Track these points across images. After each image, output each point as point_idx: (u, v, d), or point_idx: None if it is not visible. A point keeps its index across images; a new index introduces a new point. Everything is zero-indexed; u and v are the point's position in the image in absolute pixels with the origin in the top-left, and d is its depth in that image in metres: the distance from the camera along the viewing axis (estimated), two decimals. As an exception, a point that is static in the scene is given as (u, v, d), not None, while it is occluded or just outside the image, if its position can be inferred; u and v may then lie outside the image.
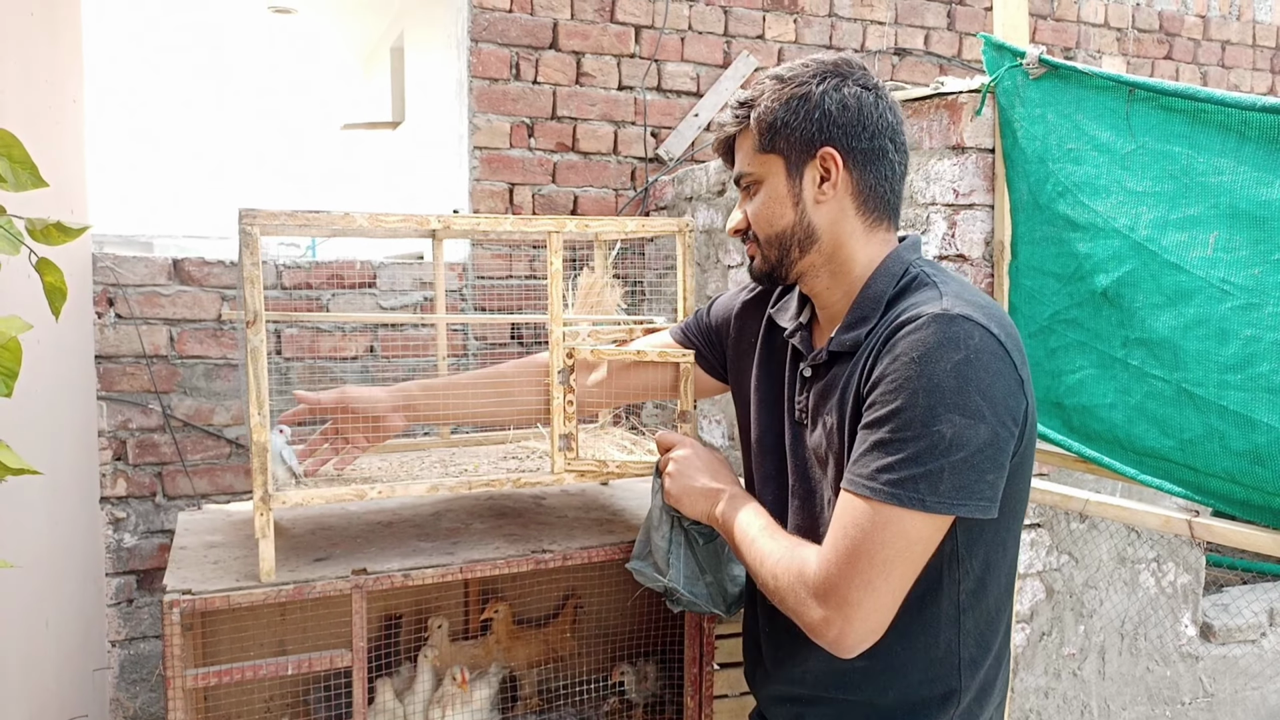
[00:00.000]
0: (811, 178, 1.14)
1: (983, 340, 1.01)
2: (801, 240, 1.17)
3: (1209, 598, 2.61)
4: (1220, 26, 4.37)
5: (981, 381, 1.00)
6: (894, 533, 1.01)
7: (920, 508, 1.00)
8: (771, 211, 1.17)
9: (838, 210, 1.15)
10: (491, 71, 3.28)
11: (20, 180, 1.24)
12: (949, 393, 0.99)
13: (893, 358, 1.03)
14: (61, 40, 2.44)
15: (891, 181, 1.16)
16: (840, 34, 3.75)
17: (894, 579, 1.03)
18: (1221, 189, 1.37)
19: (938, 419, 0.99)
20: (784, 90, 1.14)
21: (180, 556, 1.55)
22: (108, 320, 2.87)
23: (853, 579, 1.03)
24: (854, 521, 1.03)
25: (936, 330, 1.01)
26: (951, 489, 1.00)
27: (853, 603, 1.03)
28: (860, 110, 1.12)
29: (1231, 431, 1.35)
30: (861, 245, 1.16)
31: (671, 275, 3.10)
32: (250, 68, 6.42)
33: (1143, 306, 1.47)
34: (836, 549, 1.05)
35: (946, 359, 1.00)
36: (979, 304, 1.06)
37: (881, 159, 1.14)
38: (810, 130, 1.13)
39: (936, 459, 0.99)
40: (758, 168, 1.18)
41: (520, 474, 1.58)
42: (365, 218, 1.39)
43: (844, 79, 1.13)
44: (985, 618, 1.14)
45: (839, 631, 1.04)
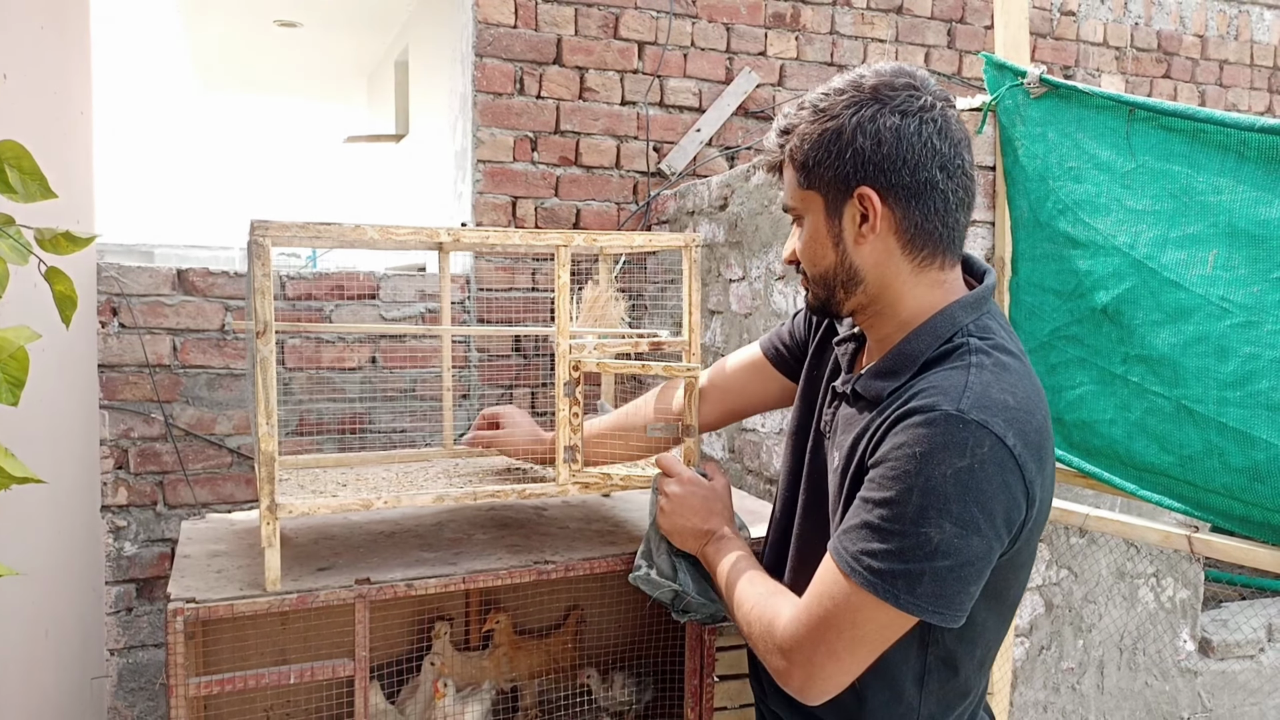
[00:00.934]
0: (851, 217, 1.07)
1: (992, 450, 0.96)
2: (845, 282, 1.11)
3: (1208, 613, 2.62)
4: (1218, 46, 4.41)
5: (982, 494, 0.96)
6: (866, 617, 1.01)
7: (894, 603, 0.98)
8: (814, 251, 1.12)
9: (882, 251, 1.08)
10: (495, 86, 3.30)
11: (30, 191, 1.26)
12: (944, 498, 0.95)
13: (896, 444, 0.99)
14: (70, 53, 2.46)
15: (944, 214, 1.06)
16: (841, 51, 3.78)
17: (859, 654, 1.03)
18: (1221, 208, 1.38)
19: (928, 521, 0.96)
20: (816, 125, 1.07)
21: (184, 565, 1.55)
22: (111, 329, 2.88)
23: (818, 646, 1.04)
24: (830, 594, 1.03)
25: (945, 430, 0.96)
26: (929, 594, 0.97)
27: (816, 664, 1.04)
28: (899, 143, 1.03)
29: (1231, 448, 1.37)
30: (909, 287, 1.09)
31: (672, 289, 3.12)
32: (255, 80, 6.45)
33: (1143, 323, 1.48)
34: (810, 614, 1.05)
35: (948, 463, 0.95)
36: (1004, 405, 0.98)
37: (929, 192, 1.04)
38: (844, 170, 1.05)
39: (919, 561, 0.97)
40: (799, 202, 1.12)
41: (525, 485, 1.59)
42: (376, 230, 1.40)
43: (882, 106, 1.04)
44: (953, 684, 1.12)
45: (800, 685, 1.06)
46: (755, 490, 2.59)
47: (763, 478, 2.59)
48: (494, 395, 3.27)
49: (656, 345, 1.70)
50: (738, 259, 2.75)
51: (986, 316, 1.09)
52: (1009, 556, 1.04)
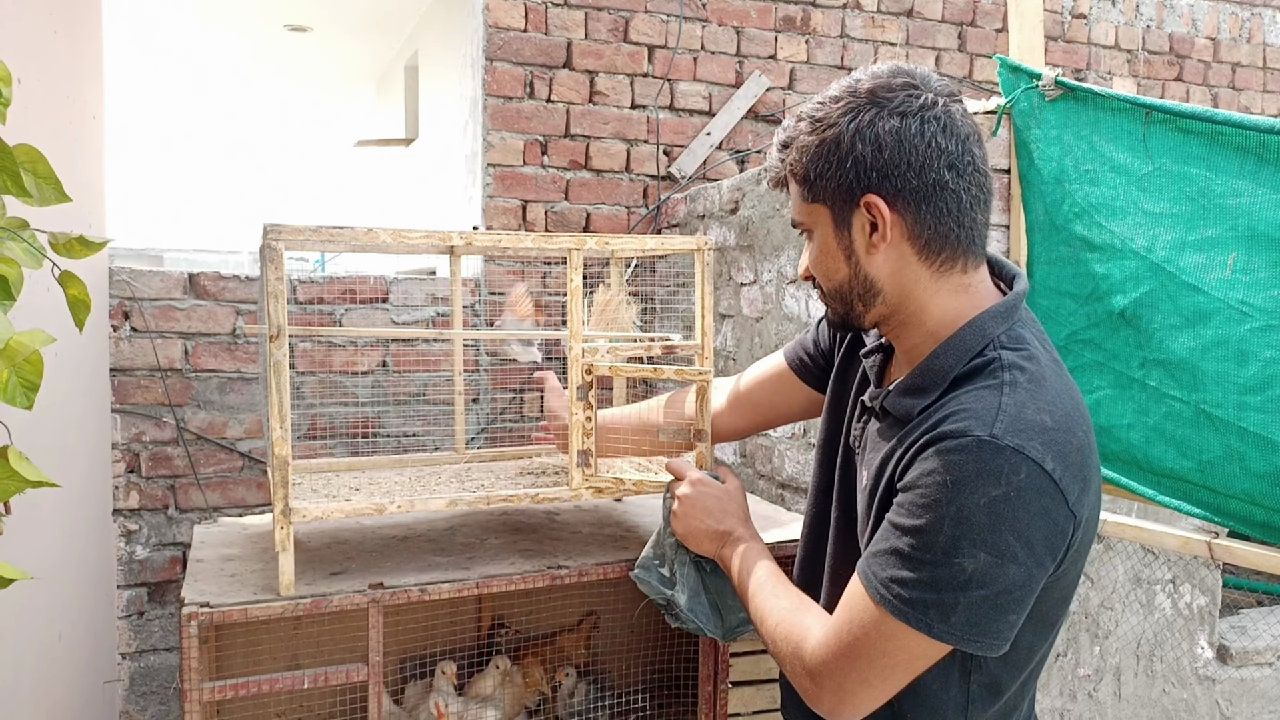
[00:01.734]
0: (860, 227, 1.03)
1: (1029, 478, 0.91)
2: (862, 294, 1.06)
3: (1226, 620, 2.59)
4: (1230, 49, 4.39)
5: (1018, 521, 0.91)
6: (898, 646, 0.97)
7: (927, 632, 0.94)
8: (826, 265, 1.08)
9: (896, 259, 1.03)
10: (506, 90, 3.31)
11: (44, 195, 1.26)
12: (977, 528, 0.91)
13: (926, 471, 0.94)
14: (83, 57, 2.47)
15: (958, 214, 1.00)
16: (852, 55, 3.77)
17: (891, 681, 1.00)
18: (1240, 211, 1.37)
19: (960, 552, 0.91)
20: (814, 136, 1.02)
21: (197, 569, 1.55)
22: (123, 333, 2.89)
23: (849, 673, 1.01)
24: (861, 621, 0.99)
25: (977, 458, 0.91)
26: (963, 624, 0.93)
27: (848, 690, 1.01)
28: (900, 145, 0.98)
29: (1251, 453, 1.35)
30: (931, 294, 1.03)
31: (683, 292, 3.11)
32: (264, 84, 6.47)
33: (1161, 327, 1.47)
34: (840, 640, 1.01)
35: (981, 492, 0.90)
36: (1041, 426, 0.93)
37: (939, 193, 0.99)
38: (847, 179, 1.00)
39: (953, 591, 0.92)
40: (806, 217, 1.08)
41: (538, 489, 1.58)
42: (388, 233, 1.40)
43: (880, 109, 0.99)
44: (996, 708, 1.08)
45: (831, 708, 1.04)
46: (768, 495, 2.58)
47: (775, 482, 2.57)
48: (504, 399, 3.27)
49: (669, 349, 1.70)
50: (749, 262, 2.75)
51: (1019, 325, 1.04)
52: (1055, 578, 0.99)
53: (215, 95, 6.95)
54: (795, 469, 2.47)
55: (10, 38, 1.72)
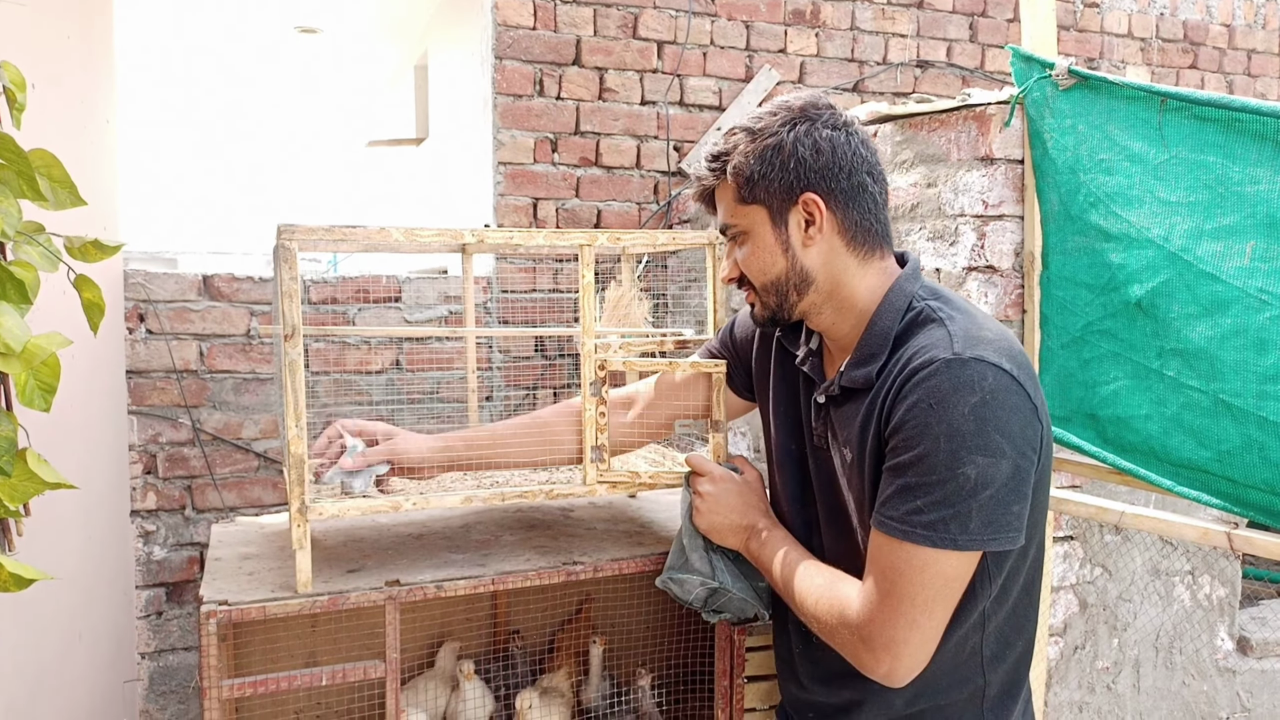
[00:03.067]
0: (797, 223, 1.17)
1: (996, 379, 1.03)
2: (798, 284, 1.19)
3: (1245, 611, 2.57)
4: (1245, 35, 4.34)
5: (999, 419, 1.03)
6: (933, 574, 1.05)
7: (953, 547, 1.04)
8: (763, 261, 1.20)
9: (828, 250, 1.17)
10: (515, 88, 3.31)
11: (60, 199, 1.27)
12: (969, 435, 1.02)
13: (910, 404, 1.06)
14: (96, 62, 2.49)
15: (876, 212, 1.18)
16: (862, 47, 3.75)
17: (936, 615, 1.07)
18: (1258, 198, 1.36)
19: (961, 461, 1.02)
20: (756, 143, 1.16)
21: (215, 568, 1.56)
22: (139, 335, 2.91)
23: (897, 620, 1.06)
24: (892, 565, 1.07)
25: (950, 375, 1.04)
26: (981, 526, 1.03)
27: (900, 640, 1.07)
28: (834, 152, 1.14)
29: (1271, 442, 1.34)
30: (859, 278, 1.18)
31: (694, 288, 3.11)
32: (275, 85, 6.50)
33: (1178, 317, 1.46)
34: (880, 591, 1.08)
35: (963, 403, 1.02)
36: (987, 339, 1.07)
37: (862, 194, 1.16)
38: (788, 179, 1.15)
39: (964, 500, 1.02)
40: (741, 219, 1.20)
41: (552, 485, 1.58)
42: (401, 232, 1.40)
43: (813, 123, 1.15)
44: (1008, 619, 1.18)
45: (889, 668, 1.09)
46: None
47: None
48: (517, 396, 3.27)
49: (681, 344, 1.69)
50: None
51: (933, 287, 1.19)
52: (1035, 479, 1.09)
53: (227, 97, 6.98)
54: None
55: (24, 43, 1.74)
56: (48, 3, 1.95)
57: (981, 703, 1.20)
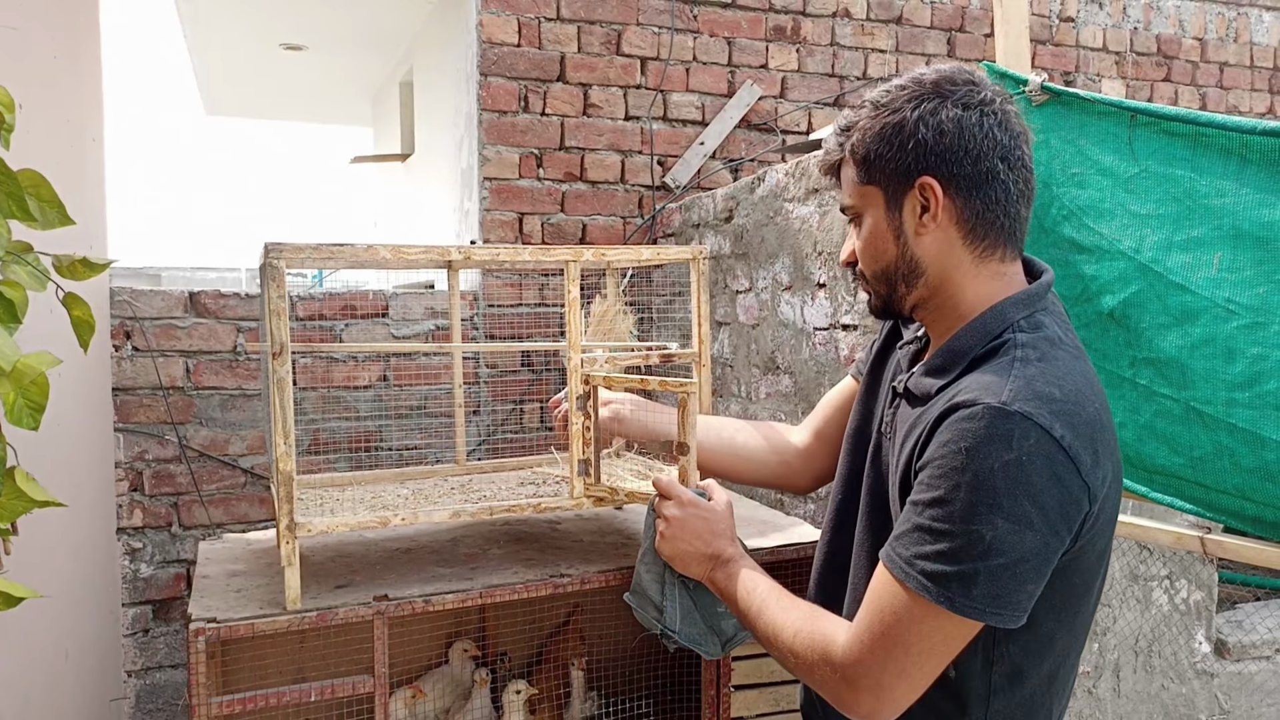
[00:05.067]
0: (911, 208, 1.07)
1: (1039, 443, 0.93)
2: (906, 275, 1.10)
3: (1222, 614, 2.61)
4: (1218, 48, 4.42)
5: (1032, 486, 0.93)
6: (930, 628, 0.98)
7: (950, 607, 0.95)
8: (874, 247, 1.12)
9: (943, 241, 1.07)
10: (500, 104, 3.34)
11: (49, 219, 1.28)
12: (994, 493, 0.93)
13: (942, 442, 0.97)
14: (83, 81, 2.50)
15: (1005, 204, 1.06)
16: (842, 62, 3.80)
17: (928, 668, 1.00)
18: (1224, 210, 1.39)
19: (978, 518, 0.93)
20: (878, 119, 1.07)
21: (203, 585, 1.57)
22: (125, 353, 2.91)
23: (886, 666, 1.00)
24: (890, 607, 1.00)
25: (988, 424, 0.94)
26: (985, 595, 0.95)
27: (886, 686, 1.01)
28: (960, 134, 1.04)
29: (1241, 449, 1.37)
30: (969, 278, 1.08)
31: (679, 301, 3.13)
32: (261, 103, 6.51)
33: (1149, 327, 1.49)
34: (871, 632, 1.01)
35: (995, 457, 0.93)
36: (1049, 397, 0.96)
37: (990, 182, 1.05)
38: (906, 161, 1.05)
39: (973, 560, 0.94)
40: (858, 200, 1.12)
41: (540, 499, 1.60)
42: (388, 250, 1.42)
43: (943, 100, 1.05)
44: (1021, 703, 1.08)
45: (870, 710, 1.02)
46: (766, 500, 2.60)
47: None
48: (504, 410, 3.28)
49: (666, 358, 1.72)
50: (744, 270, 2.77)
51: (1041, 313, 1.07)
52: (1072, 557, 1.00)
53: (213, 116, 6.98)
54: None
55: (12, 64, 1.75)
56: (35, 24, 1.97)
57: None
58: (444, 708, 1.79)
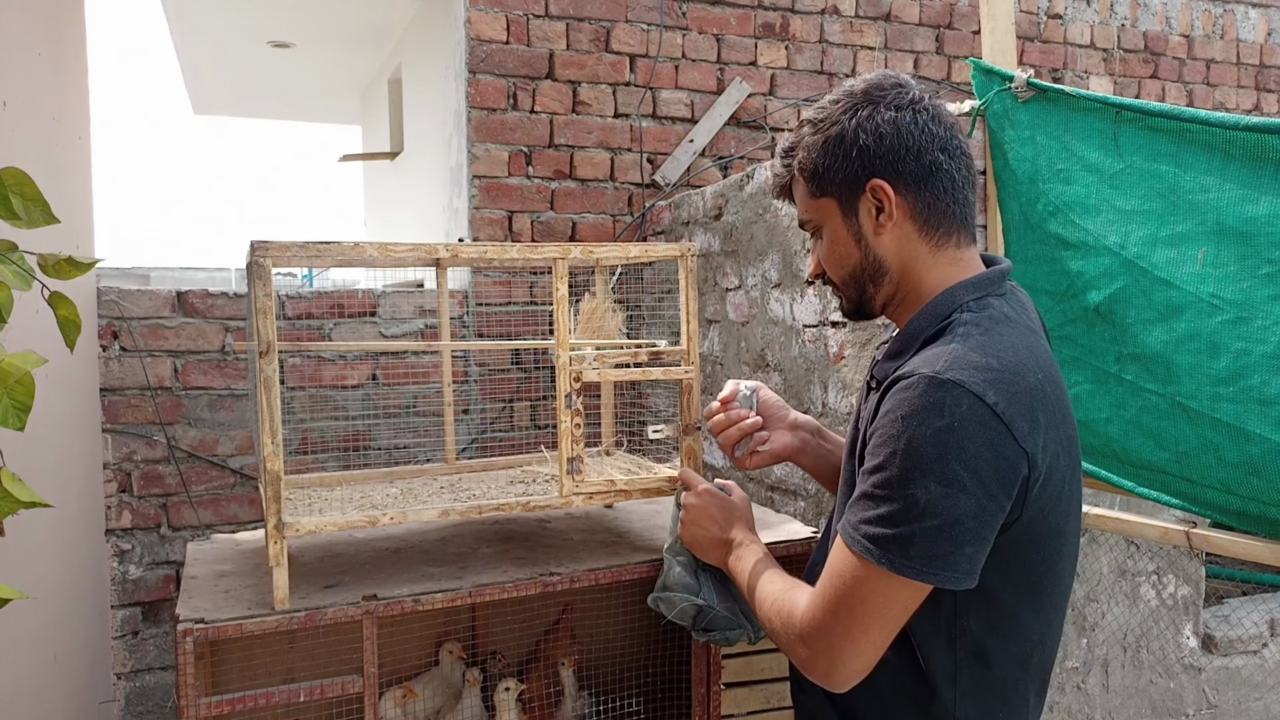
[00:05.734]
0: (867, 211, 1.12)
1: (971, 409, 0.97)
2: (872, 274, 1.15)
3: (1210, 609, 2.62)
4: (1204, 45, 4.45)
5: (964, 451, 0.97)
6: (871, 589, 1.02)
7: (890, 568, 1.00)
8: (838, 253, 1.17)
9: (901, 236, 1.13)
10: (489, 102, 3.33)
11: (33, 217, 1.27)
12: (926, 459, 0.98)
13: (884, 412, 1.03)
14: (67, 79, 2.48)
15: (953, 192, 1.12)
16: (831, 59, 3.81)
17: (872, 633, 1.04)
18: (1208, 206, 1.40)
19: (912, 483, 0.98)
20: (819, 134, 1.13)
21: (191, 586, 1.56)
22: (112, 353, 2.89)
23: (834, 628, 1.06)
24: (839, 571, 1.06)
25: (922, 393, 0.99)
26: (922, 556, 0.99)
27: (836, 648, 1.06)
28: (899, 134, 1.09)
29: (1225, 443, 1.38)
30: (928, 267, 1.13)
31: (669, 299, 3.13)
32: (249, 101, 6.48)
33: (1135, 322, 1.50)
34: (824, 597, 1.08)
35: (928, 424, 0.98)
36: (984, 366, 1.00)
37: (936, 173, 1.11)
38: (853, 168, 1.11)
39: (909, 523, 0.99)
40: (814, 213, 1.18)
41: (529, 497, 1.60)
42: (375, 248, 1.42)
43: (876, 105, 1.10)
44: (991, 686, 1.10)
45: (825, 671, 1.08)
46: (757, 497, 2.60)
47: (764, 485, 2.60)
48: (494, 409, 3.28)
49: (655, 355, 1.72)
50: (734, 268, 2.77)
51: (995, 297, 1.11)
52: (1022, 528, 1.03)
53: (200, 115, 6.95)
54: (784, 471, 2.49)
55: (-6, 63, 1.74)
56: (18, 22, 1.95)
57: None
58: (435, 708, 1.79)
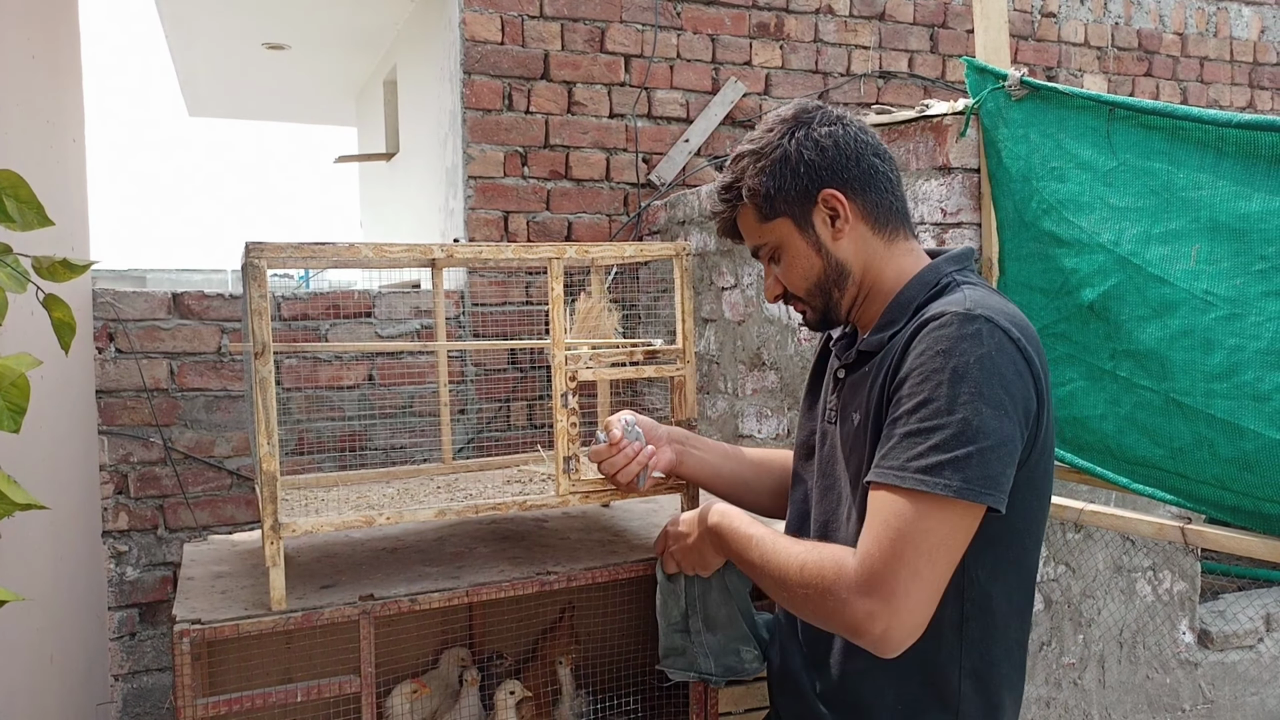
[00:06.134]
0: (822, 221, 1.19)
1: (1001, 342, 1.05)
2: (836, 280, 1.21)
3: (1205, 605, 2.63)
4: (1198, 43, 4.46)
5: (1003, 378, 1.03)
6: (937, 521, 1.02)
7: (949, 493, 1.01)
8: (800, 267, 1.22)
9: (858, 238, 1.20)
10: (484, 102, 3.33)
11: (27, 220, 1.27)
12: (974, 382, 1.03)
13: (919, 353, 1.07)
14: (62, 81, 2.48)
15: (892, 190, 1.21)
16: (826, 59, 3.81)
17: (939, 567, 1.03)
18: (1202, 203, 1.41)
19: (963, 406, 1.02)
20: (763, 160, 1.20)
21: (188, 587, 1.56)
22: (108, 355, 2.89)
23: (899, 569, 1.01)
24: (894, 512, 1.03)
25: (959, 326, 1.05)
26: (979, 477, 1.01)
27: (900, 594, 1.01)
28: (837, 145, 1.18)
29: (1219, 439, 1.38)
30: (887, 262, 1.20)
31: (665, 298, 3.14)
32: (244, 103, 6.48)
33: (1129, 319, 1.50)
34: (879, 542, 1.04)
35: (971, 352, 1.04)
36: (1000, 309, 1.09)
37: (876, 175, 1.19)
38: (802, 183, 1.18)
39: (964, 445, 1.01)
40: (768, 236, 1.22)
41: (525, 497, 1.60)
42: (370, 249, 1.42)
43: (808, 125, 1.19)
44: (994, 632, 1.13)
45: (885, 625, 1.02)
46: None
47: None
48: (491, 409, 3.28)
49: (651, 354, 1.72)
50: (730, 267, 2.77)
51: (970, 273, 1.20)
52: (1028, 470, 1.09)
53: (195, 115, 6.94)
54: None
55: (-12, 65, 1.74)
56: (11, 24, 1.95)
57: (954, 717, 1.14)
58: (433, 709, 1.79)
